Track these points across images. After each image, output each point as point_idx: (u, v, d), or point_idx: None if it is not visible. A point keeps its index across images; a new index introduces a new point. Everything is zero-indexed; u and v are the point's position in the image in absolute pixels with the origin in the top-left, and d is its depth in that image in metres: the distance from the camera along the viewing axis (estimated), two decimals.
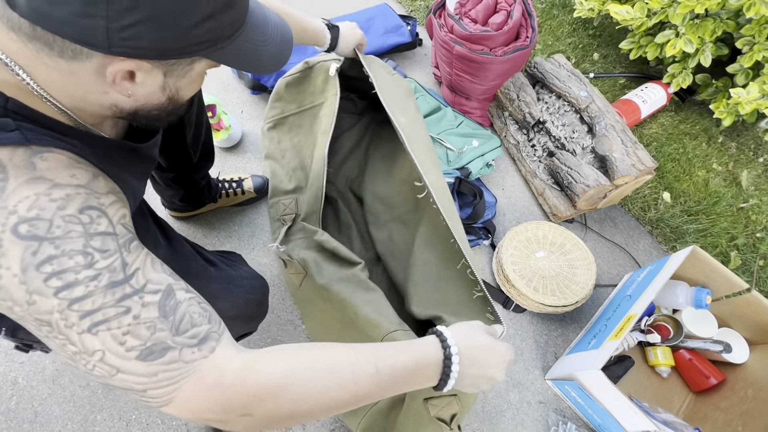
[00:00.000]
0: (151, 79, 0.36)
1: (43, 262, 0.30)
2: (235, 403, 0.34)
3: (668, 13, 1.16)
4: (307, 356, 0.38)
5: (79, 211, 0.32)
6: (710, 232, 1.15)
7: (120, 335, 0.32)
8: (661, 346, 0.94)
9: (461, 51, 1.09)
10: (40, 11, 0.29)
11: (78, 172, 0.34)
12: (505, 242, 1.02)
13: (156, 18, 0.31)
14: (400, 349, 0.41)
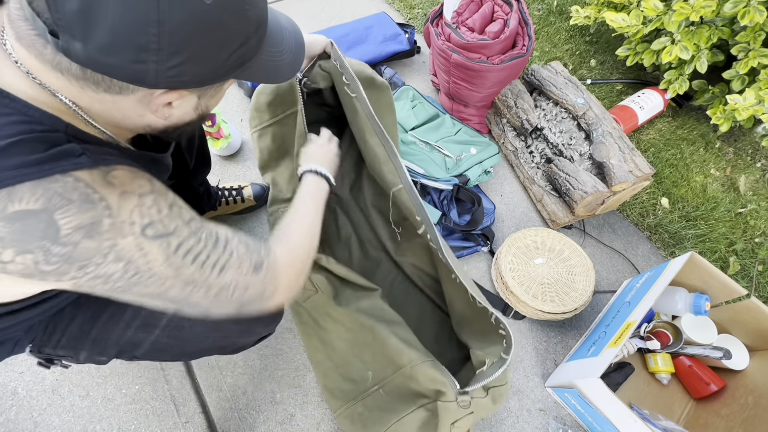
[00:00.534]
0: (186, 103, 0.41)
1: (177, 248, 0.39)
2: (298, 269, 0.53)
3: (663, 20, 1.17)
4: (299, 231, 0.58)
5: (169, 209, 0.40)
6: (709, 238, 1.15)
7: (237, 266, 0.44)
8: (661, 353, 0.94)
9: (458, 59, 1.10)
10: (96, 60, 0.32)
11: (141, 182, 0.40)
12: (504, 249, 1.02)
13: (197, 55, 0.34)
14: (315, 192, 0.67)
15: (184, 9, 0.31)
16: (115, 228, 0.36)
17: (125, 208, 0.37)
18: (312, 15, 1.66)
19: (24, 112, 0.34)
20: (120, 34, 0.30)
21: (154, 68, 0.33)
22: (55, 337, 0.56)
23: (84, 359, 0.59)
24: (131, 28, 0.30)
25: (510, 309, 1.00)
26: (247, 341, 0.70)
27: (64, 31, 0.30)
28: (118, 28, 0.30)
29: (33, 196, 0.32)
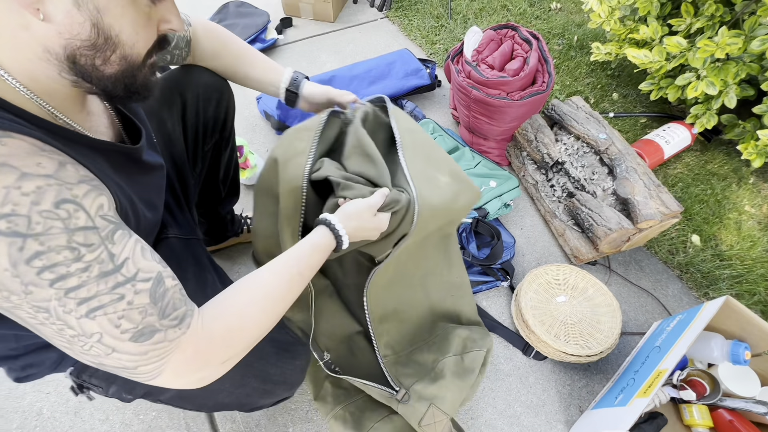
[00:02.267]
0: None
1: (32, 257, 0.31)
2: (214, 358, 0.41)
3: (687, 57, 1.17)
4: (248, 294, 0.45)
5: (55, 206, 0.32)
6: (746, 279, 1.09)
7: (116, 319, 0.34)
8: (697, 404, 0.87)
9: (478, 95, 1.13)
10: None
11: (43, 160, 0.32)
12: (525, 285, 1.00)
13: None
14: (309, 250, 0.53)
15: None
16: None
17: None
18: (337, 51, 1.74)
19: None
20: None
21: None
22: None
23: (112, 393, 0.59)
24: None
25: (531, 349, 0.96)
26: (267, 402, 0.68)
27: None
28: None
29: None
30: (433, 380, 0.82)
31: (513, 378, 0.94)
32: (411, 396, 0.79)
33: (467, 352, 0.87)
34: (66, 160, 0.35)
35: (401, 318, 0.87)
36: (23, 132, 0.32)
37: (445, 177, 0.72)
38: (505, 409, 0.90)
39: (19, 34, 0.33)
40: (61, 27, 0.34)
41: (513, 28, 1.21)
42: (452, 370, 0.83)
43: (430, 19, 1.87)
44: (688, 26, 1.20)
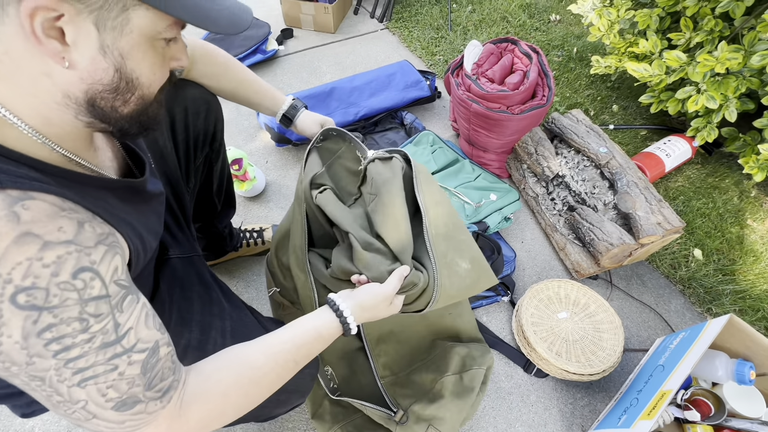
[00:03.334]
0: (83, 36, 0.32)
1: (44, 330, 0.31)
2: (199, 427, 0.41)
3: (687, 71, 1.17)
4: (235, 375, 0.44)
5: (73, 276, 0.32)
6: (749, 294, 1.07)
7: (104, 389, 0.35)
8: (702, 425, 0.85)
9: (478, 109, 1.12)
10: None
11: (65, 223, 0.33)
12: (525, 300, 0.99)
13: None
14: (311, 337, 0.51)
15: None
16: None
17: (11, 259, 0.29)
18: (338, 62, 1.75)
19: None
20: None
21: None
22: None
23: None
24: None
25: (532, 366, 0.95)
26: (281, 411, 0.69)
27: None
28: None
29: None
30: (431, 400, 0.81)
31: (514, 396, 0.92)
32: (409, 417, 0.77)
33: (466, 371, 0.86)
34: (84, 218, 0.35)
35: (398, 339, 0.86)
36: (43, 190, 0.32)
37: (466, 263, 0.67)
38: (506, 428, 0.88)
39: (40, 80, 0.33)
40: (85, 73, 0.34)
41: (513, 41, 1.21)
42: (451, 390, 0.82)
43: (430, 31, 1.88)
44: (687, 40, 1.20)
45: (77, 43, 0.32)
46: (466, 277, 0.67)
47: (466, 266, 0.68)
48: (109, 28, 0.33)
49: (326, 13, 1.82)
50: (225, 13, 0.38)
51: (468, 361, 0.87)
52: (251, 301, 1.04)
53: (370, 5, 2.03)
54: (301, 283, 0.73)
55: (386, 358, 0.83)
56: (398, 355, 0.85)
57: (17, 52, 0.31)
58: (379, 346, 0.83)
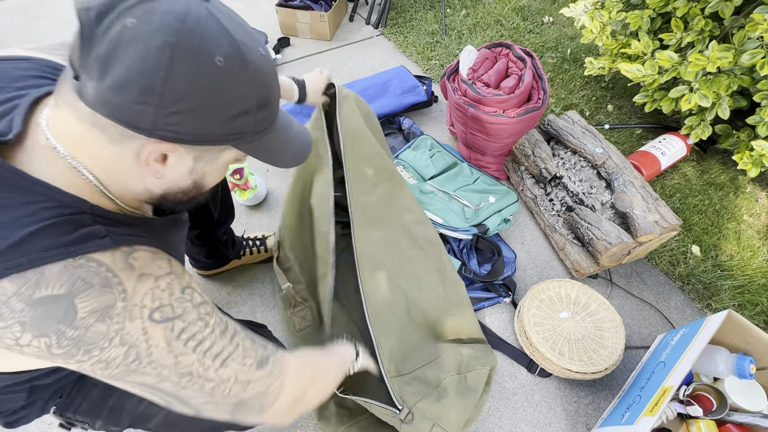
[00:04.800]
0: (181, 162, 0.41)
1: (180, 333, 0.39)
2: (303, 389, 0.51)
3: (680, 70, 1.18)
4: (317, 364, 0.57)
5: (182, 292, 0.41)
6: (748, 289, 1.09)
7: (241, 359, 0.44)
8: (704, 420, 0.86)
9: (475, 113, 1.14)
10: (104, 99, 0.34)
11: (160, 262, 0.42)
12: (527, 301, 1.00)
13: (199, 109, 0.36)
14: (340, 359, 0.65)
15: (194, 62, 0.34)
16: (126, 311, 0.37)
17: (140, 292, 0.38)
18: (335, 69, 1.77)
19: (55, 198, 0.37)
20: (131, 76, 0.33)
21: (154, 112, 0.34)
22: (77, 401, 0.58)
23: (99, 427, 0.60)
24: (142, 72, 0.33)
25: (535, 366, 0.96)
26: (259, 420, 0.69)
27: (84, 71, 0.34)
28: (131, 71, 0.33)
29: (59, 282, 0.35)
30: (437, 399, 0.81)
31: (519, 396, 0.93)
32: (414, 415, 0.78)
33: (470, 371, 0.87)
34: (166, 255, 0.44)
35: (401, 338, 0.87)
36: (138, 242, 0.41)
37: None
38: (511, 429, 0.89)
39: (134, 180, 0.41)
40: (169, 182, 0.43)
41: (507, 46, 1.23)
42: (455, 389, 0.83)
43: (425, 36, 1.90)
44: (678, 41, 1.22)
45: (174, 166, 0.41)
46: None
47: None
48: (203, 160, 0.43)
49: (322, 21, 1.84)
50: (292, 150, 0.48)
51: (471, 362, 0.88)
52: (255, 309, 1.05)
53: (365, 12, 2.06)
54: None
55: (391, 354, 0.84)
56: (401, 353, 0.86)
57: (126, 162, 0.39)
58: (384, 342, 0.84)
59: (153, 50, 0.32)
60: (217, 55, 0.35)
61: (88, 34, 0.33)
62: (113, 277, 0.37)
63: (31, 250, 0.34)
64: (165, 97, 0.34)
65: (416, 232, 0.99)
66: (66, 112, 0.37)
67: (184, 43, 0.33)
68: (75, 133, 0.37)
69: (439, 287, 0.95)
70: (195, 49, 0.34)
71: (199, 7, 0.35)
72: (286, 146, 0.47)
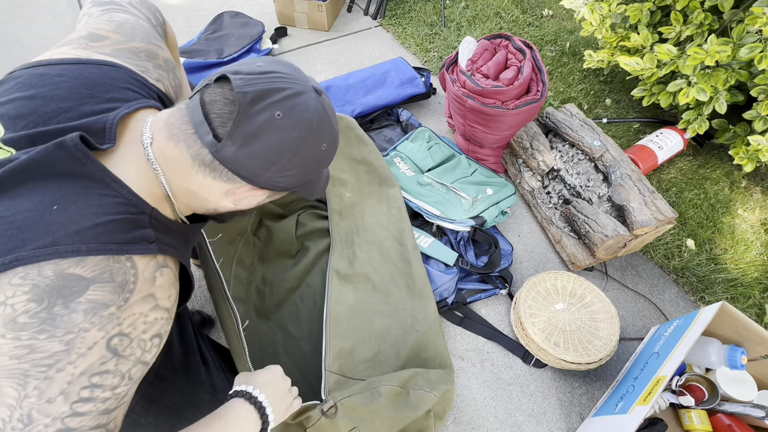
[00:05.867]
0: (259, 197, 0.48)
1: (96, 373, 0.36)
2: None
3: (678, 64, 1.18)
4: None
5: (151, 338, 0.40)
6: (741, 283, 1.10)
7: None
8: (696, 409, 0.88)
9: (474, 105, 1.14)
10: (237, 161, 0.42)
11: (173, 293, 0.44)
12: (523, 293, 1.00)
13: (300, 175, 0.46)
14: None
15: (312, 148, 0.45)
16: (109, 318, 0.36)
17: (134, 309, 0.38)
18: (332, 60, 1.75)
19: (125, 196, 0.41)
20: (267, 152, 0.42)
21: (270, 176, 0.44)
22: None
23: None
24: (277, 152, 0.42)
25: (531, 356, 0.96)
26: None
27: (229, 139, 0.41)
28: (268, 149, 0.42)
29: (94, 268, 0.37)
30: (368, 400, 0.72)
31: (514, 386, 0.94)
32: (338, 410, 0.68)
33: (416, 389, 0.78)
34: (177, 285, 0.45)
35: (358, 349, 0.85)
36: (172, 254, 0.44)
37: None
38: (506, 418, 0.90)
39: (210, 203, 0.48)
40: (240, 207, 0.49)
41: (506, 37, 1.23)
42: (391, 399, 0.74)
43: (423, 27, 1.89)
44: (677, 34, 1.22)
45: (252, 199, 0.48)
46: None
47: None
48: (271, 196, 0.50)
49: (320, 11, 1.82)
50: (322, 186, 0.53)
51: (420, 381, 0.79)
52: None
53: (363, 2, 2.03)
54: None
55: (339, 353, 0.80)
56: (352, 359, 0.82)
57: (216, 192, 0.45)
58: (336, 342, 0.80)
59: (290, 140, 0.42)
60: (324, 142, 0.46)
61: (242, 113, 0.40)
62: (132, 284, 0.39)
63: (93, 239, 0.37)
64: (284, 168, 0.44)
65: (389, 249, 1.02)
66: (181, 147, 0.42)
67: (311, 137, 0.44)
68: (182, 162, 0.43)
69: (407, 303, 0.94)
70: (314, 139, 0.44)
71: (317, 104, 0.44)
72: (322, 185, 0.54)
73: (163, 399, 0.61)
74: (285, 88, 0.42)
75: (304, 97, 0.43)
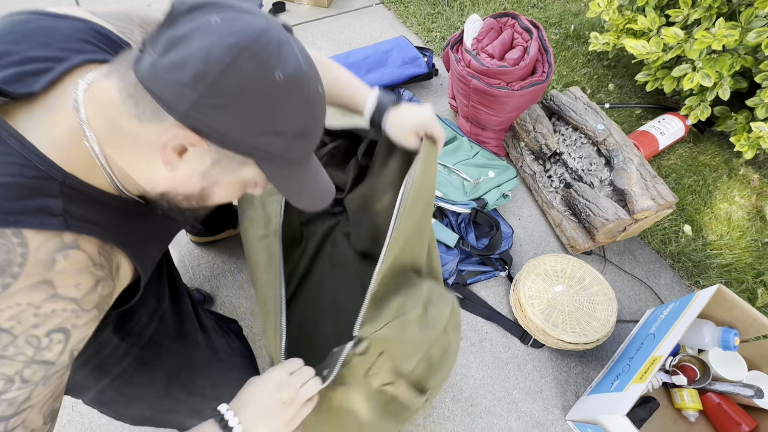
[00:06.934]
0: (198, 161, 0.38)
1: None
2: None
3: (684, 48, 1.17)
4: None
5: (47, 334, 0.34)
6: (735, 268, 1.12)
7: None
8: (688, 389, 0.90)
9: (478, 85, 1.12)
10: (156, 73, 0.33)
11: (85, 280, 0.36)
12: (523, 275, 1.01)
13: (239, 110, 0.34)
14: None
15: (255, 68, 0.33)
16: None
17: (17, 299, 0.32)
18: (332, 38, 1.70)
19: (25, 156, 0.34)
20: (191, 60, 0.32)
21: (196, 98, 0.33)
22: None
23: None
24: (204, 59, 0.32)
25: (529, 337, 0.98)
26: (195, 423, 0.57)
27: (151, 46, 0.33)
28: (193, 55, 0.32)
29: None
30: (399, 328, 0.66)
31: (511, 366, 0.95)
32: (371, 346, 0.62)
33: (432, 306, 0.72)
34: (103, 275, 0.38)
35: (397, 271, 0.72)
36: (92, 233, 0.37)
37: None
38: (503, 396, 0.91)
39: (142, 164, 0.39)
40: (176, 180, 0.40)
41: (513, 16, 1.20)
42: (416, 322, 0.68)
43: (426, 6, 1.84)
44: (685, 17, 1.20)
45: (190, 162, 0.37)
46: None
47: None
48: (220, 167, 0.39)
49: None
50: (311, 194, 0.45)
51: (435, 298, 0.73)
52: (249, 280, 1.04)
53: None
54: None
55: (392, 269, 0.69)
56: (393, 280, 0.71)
57: (144, 144, 0.36)
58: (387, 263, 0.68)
59: (222, 46, 0.32)
60: (278, 70, 0.34)
61: (171, 20, 0.34)
62: (18, 266, 0.32)
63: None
64: (212, 87, 0.33)
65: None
66: (112, 81, 0.36)
67: (254, 49, 0.33)
68: (109, 101, 0.36)
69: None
70: (262, 58, 0.34)
71: (281, 32, 0.36)
72: (308, 187, 0.44)
73: (158, 361, 0.59)
74: (235, 6, 0.35)
75: (256, 16, 0.35)
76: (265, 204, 0.75)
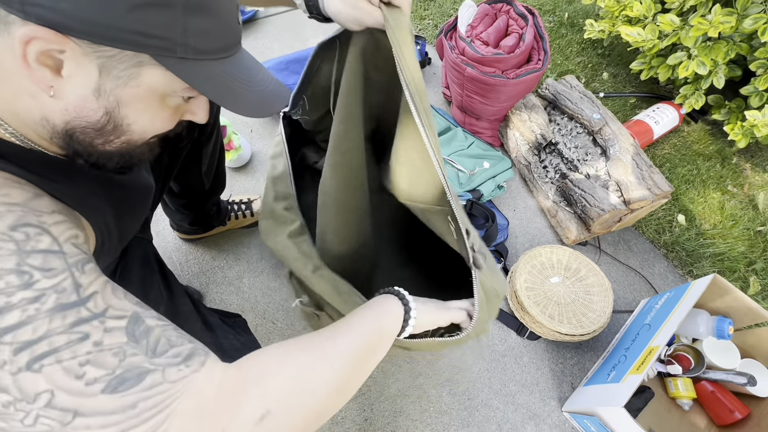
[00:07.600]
0: (81, 72, 0.30)
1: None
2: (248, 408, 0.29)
3: (680, 35, 1.16)
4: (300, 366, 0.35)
5: (11, 228, 0.26)
6: (728, 257, 1.12)
7: (76, 366, 0.24)
8: (682, 377, 0.91)
9: (473, 73, 1.09)
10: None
11: (13, 192, 0.29)
12: (519, 267, 1.00)
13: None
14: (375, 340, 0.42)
15: None
16: None
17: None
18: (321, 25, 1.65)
19: None
20: None
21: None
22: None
23: None
24: None
25: (525, 329, 0.97)
26: None
27: None
28: None
29: None
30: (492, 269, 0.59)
31: (508, 358, 0.95)
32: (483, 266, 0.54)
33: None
34: (43, 193, 0.32)
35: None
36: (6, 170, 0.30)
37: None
38: (500, 388, 0.91)
39: (23, 97, 0.31)
40: (70, 107, 0.32)
41: (508, 2, 1.17)
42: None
43: None
44: (681, 4, 1.18)
45: (72, 78, 0.30)
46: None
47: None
48: (113, 75, 0.31)
49: None
50: (253, 96, 0.36)
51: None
52: (242, 274, 1.01)
53: None
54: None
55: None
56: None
57: (7, 66, 0.29)
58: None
59: None
60: None
61: None
62: None
63: None
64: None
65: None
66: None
67: None
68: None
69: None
70: None
71: None
72: (245, 89, 0.35)
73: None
74: None
75: None
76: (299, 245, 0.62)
